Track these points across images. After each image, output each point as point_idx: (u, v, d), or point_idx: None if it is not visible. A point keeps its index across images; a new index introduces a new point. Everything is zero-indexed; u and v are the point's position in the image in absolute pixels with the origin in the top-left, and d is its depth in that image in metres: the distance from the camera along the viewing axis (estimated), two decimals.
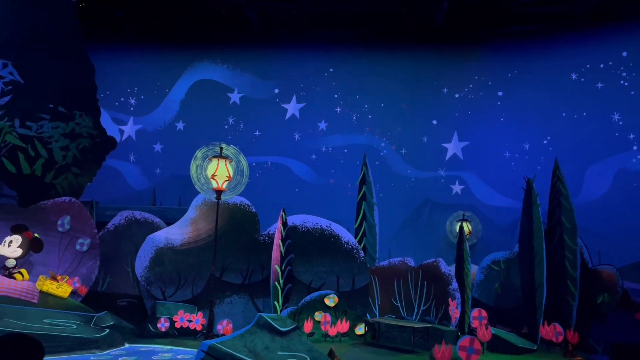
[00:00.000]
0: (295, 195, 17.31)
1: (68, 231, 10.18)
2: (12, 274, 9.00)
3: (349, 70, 18.09)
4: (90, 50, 17.30)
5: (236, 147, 9.81)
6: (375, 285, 10.51)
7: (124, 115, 18.44)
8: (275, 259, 9.92)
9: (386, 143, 17.90)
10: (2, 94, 10.21)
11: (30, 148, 10.49)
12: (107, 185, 17.06)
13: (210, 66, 18.58)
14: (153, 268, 10.21)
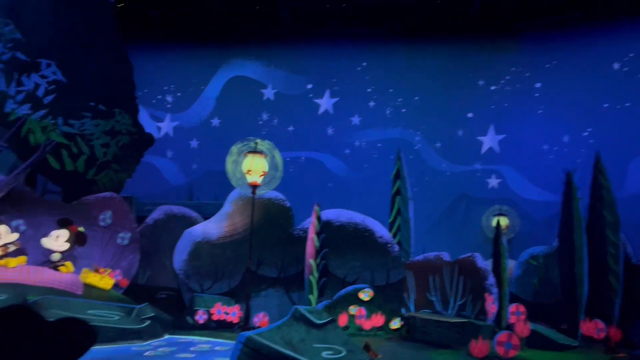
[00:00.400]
0: (329, 190, 17.37)
1: (109, 226, 10.49)
2: (57, 267, 9.35)
3: (382, 64, 18.00)
4: (128, 50, 17.77)
5: (271, 142, 9.90)
6: (410, 279, 10.46)
7: (161, 112, 18.88)
8: (310, 253, 9.99)
9: (420, 137, 17.74)
10: (47, 93, 10.58)
11: (73, 145, 10.84)
12: (145, 181, 17.47)
13: (245, 63, 18.79)
14: (191, 262, 10.43)
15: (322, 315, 5.14)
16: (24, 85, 10.39)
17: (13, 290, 8.01)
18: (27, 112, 10.38)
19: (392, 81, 17.97)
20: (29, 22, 10.45)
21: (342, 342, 4.88)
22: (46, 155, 10.56)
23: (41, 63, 10.62)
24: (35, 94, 10.53)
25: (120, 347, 7.91)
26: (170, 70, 18.76)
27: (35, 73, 10.55)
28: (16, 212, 10.14)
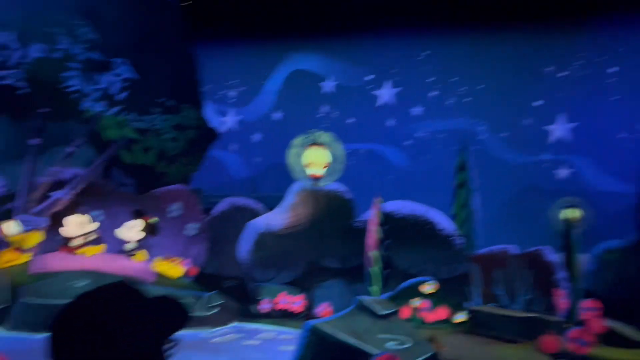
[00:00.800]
0: (390, 182, 17.25)
1: (179, 216, 10.95)
2: (131, 256, 9.87)
3: (445, 53, 17.60)
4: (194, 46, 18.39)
5: (332, 135, 9.96)
6: (475, 273, 10.23)
7: (225, 107, 19.40)
8: (371, 245, 9.97)
9: (485, 127, 17.26)
10: (120, 91, 11.13)
11: (144, 140, 11.37)
12: (209, 174, 18.06)
13: (305, 56, 18.95)
14: (255, 252, 10.69)
15: (386, 306, 5.15)
16: (99, 83, 10.98)
17: (93, 276, 8.53)
18: (102, 109, 10.98)
19: (455, 70, 17.55)
20: (103, 24, 11.02)
21: (407, 333, 4.88)
22: (120, 150, 11.15)
23: (115, 62, 11.17)
24: (110, 92, 11.11)
25: (188, 333, 8.26)
26: (233, 65, 19.22)
27: (109, 72, 11.11)
28: (94, 204, 10.78)
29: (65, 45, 10.63)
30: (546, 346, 6.25)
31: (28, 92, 10.41)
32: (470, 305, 9.84)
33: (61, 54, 10.62)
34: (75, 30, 10.72)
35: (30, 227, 9.24)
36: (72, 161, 11.15)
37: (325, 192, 10.81)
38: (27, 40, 10.29)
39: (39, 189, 10.17)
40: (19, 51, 10.25)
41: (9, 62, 10.17)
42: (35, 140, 10.40)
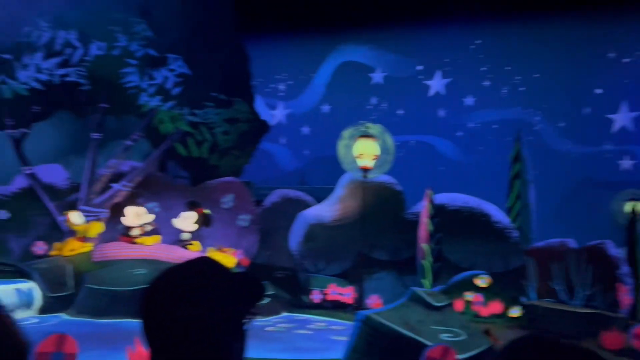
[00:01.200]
0: (440, 174, 16.92)
1: (231, 208, 11.18)
2: (186, 246, 10.17)
3: (498, 41, 17.04)
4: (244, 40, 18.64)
5: (382, 126, 9.88)
6: (531, 267, 9.93)
7: (275, 100, 19.57)
8: (423, 238, 9.86)
9: (541, 116, 16.64)
10: (174, 86, 11.43)
11: (197, 133, 11.65)
12: (260, 166, 18.34)
13: (354, 48, 18.82)
14: (305, 243, 10.79)
15: (439, 298, 5.08)
16: (154, 79, 11.31)
17: (150, 265, 8.86)
18: (158, 104, 11.31)
19: (509, 58, 16.96)
20: (158, 21, 11.32)
21: (461, 325, 4.79)
22: (175, 143, 11.47)
23: (169, 58, 11.47)
24: (165, 87, 11.42)
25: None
26: (282, 59, 19.33)
27: (164, 67, 11.42)
28: (151, 195, 11.16)
29: (123, 43, 11.00)
30: (609, 343, 5.99)
31: (89, 88, 10.86)
32: (525, 299, 9.58)
33: (119, 51, 11.00)
34: (132, 28, 11.07)
35: (92, 218, 9.67)
36: (130, 154, 11.58)
37: (375, 184, 10.75)
38: (88, 38, 10.72)
39: (99, 181, 10.62)
40: (80, 49, 10.69)
41: (71, 60, 10.64)
42: (96, 135, 10.87)
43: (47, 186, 10.45)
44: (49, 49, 10.53)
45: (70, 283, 8.38)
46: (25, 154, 10.39)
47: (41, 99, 10.55)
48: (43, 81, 10.50)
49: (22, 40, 10.30)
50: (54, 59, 10.58)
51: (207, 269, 1.22)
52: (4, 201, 10.04)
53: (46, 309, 8.04)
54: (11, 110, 10.35)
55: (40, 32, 10.43)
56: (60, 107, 11.09)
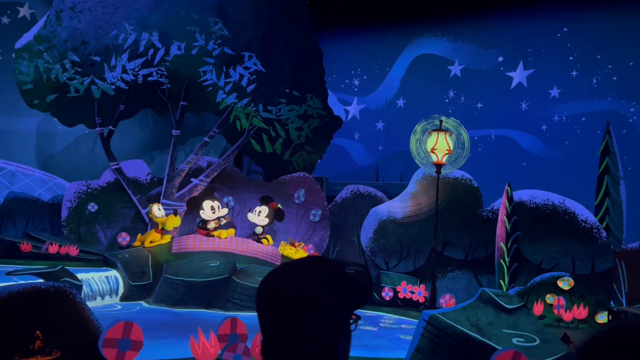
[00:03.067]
0: (523, 170, 16.11)
1: (303, 203, 11.28)
2: (260, 239, 10.38)
3: (586, 28, 15.91)
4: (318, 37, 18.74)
5: (457, 120, 9.53)
6: (622, 270, 9.18)
7: (349, 96, 19.52)
8: (500, 236, 9.41)
9: (636, 108, 15.33)
10: (249, 83, 11.70)
11: (271, 129, 11.84)
12: (335, 162, 18.38)
13: (430, 40, 18.33)
14: (376, 239, 10.66)
15: (512, 300, 4.79)
16: (230, 77, 11.63)
17: (224, 257, 9.13)
18: (233, 101, 11.63)
19: (599, 46, 15.78)
20: (234, 20, 11.63)
21: (535, 330, 4.49)
22: (250, 139, 11.74)
23: (244, 56, 11.75)
24: (240, 84, 11.72)
25: None
26: (357, 54, 19.25)
27: (240, 65, 11.71)
28: (227, 190, 11.50)
29: (201, 42, 11.41)
30: None
31: (169, 87, 11.37)
32: (613, 305, 8.87)
33: (197, 51, 11.42)
34: (209, 27, 11.45)
35: (171, 211, 10.12)
36: (207, 150, 12.00)
37: (450, 180, 10.41)
38: (168, 39, 11.22)
39: (179, 176, 11.10)
40: (162, 50, 11.21)
41: (153, 60, 11.19)
42: (176, 131, 11.36)
43: (131, 180, 11.07)
44: (133, 50, 11.14)
45: (150, 273, 8.82)
46: (111, 150, 11.07)
47: (126, 98, 11.19)
48: (128, 81, 11.13)
49: (110, 42, 10.97)
50: (138, 59, 11.17)
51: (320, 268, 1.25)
52: (94, 194, 10.76)
53: (128, 296, 8.53)
54: (100, 109, 11.06)
55: (125, 35, 11.05)
56: (143, 106, 11.69)
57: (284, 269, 1.27)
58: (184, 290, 8.27)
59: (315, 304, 1.17)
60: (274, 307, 1.19)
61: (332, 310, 1.20)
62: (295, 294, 1.18)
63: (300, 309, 1.17)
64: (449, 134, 9.23)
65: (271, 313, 1.20)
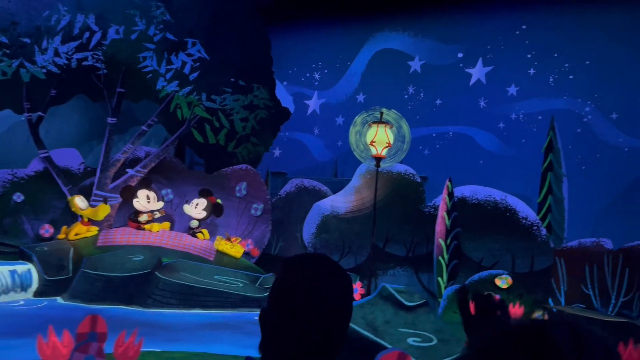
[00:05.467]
0: (480, 167, 15.96)
1: (244, 196, 10.87)
2: (195, 233, 9.95)
3: (545, 25, 15.80)
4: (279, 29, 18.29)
5: (397, 112, 9.23)
6: (561, 268, 9.00)
7: (309, 90, 19.14)
8: (440, 232, 9.15)
9: (592, 107, 15.27)
10: (192, 71, 11.23)
11: (215, 120, 11.39)
12: (294, 157, 18.03)
13: (391, 35, 18.07)
14: (319, 235, 10.33)
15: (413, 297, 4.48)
16: (172, 63, 11.14)
17: (151, 252, 8.68)
18: (175, 89, 11.14)
19: (557, 44, 15.70)
20: (177, 5, 11.15)
21: (434, 329, 4.19)
22: (191, 129, 11.28)
23: (187, 42, 11.27)
24: (182, 72, 11.23)
25: (241, 313, 8.10)
26: (318, 48, 18.88)
27: (183, 52, 11.23)
28: (166, 182, 11.03)
29: (141, 27, 10.89)
30: (625, 357, 5.17)
31: (106, 72, 10.83)
32: (551, 304, 8.69)
33: (137, 35, 10.90)
34: (151, 11, 10.94)
35: (99, 202, 9.61)
36: (145, 140, 11.50)
37: (393, 174, 10.13)
38: (106, 22, 10.68)
39: (114, 166, 10.58)
40: (98, 33, 10.67)
41: (89, 44, 10.63)
42: (111, 119, 10.83)
43: (62, 170, 10.51)
44: (67, 32, 10.57)
45: (69, 267, 8.32)
46: (41, 137, 10.49)
47: (58, 83, 10.61)
48: (60, 65, 10.55)
49: (41, 24, 10.38)
50: (72, 42, 10.60)
51: (326, 267, 1.23)
52: (19, 184, 10.17)
53: (42, 292, 8.01)
54: (28, 94, 10.47)
55: (59, 16, 10.48)
56: (77, 91, 11.13)
57: (292, 267, 1.25)
58: (102, 285, 7.80)
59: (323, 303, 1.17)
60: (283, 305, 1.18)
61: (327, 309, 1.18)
62: (305, 292, 1.17)
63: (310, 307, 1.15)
64: (389, 127, 8.93)
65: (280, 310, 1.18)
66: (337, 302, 1.18)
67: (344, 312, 1.20)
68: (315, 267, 1.22)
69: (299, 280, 1.19)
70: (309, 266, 1.22)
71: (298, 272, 1.22)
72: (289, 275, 1.21)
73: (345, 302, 1.20)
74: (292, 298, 1.17)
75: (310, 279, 1.19)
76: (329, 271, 1.22)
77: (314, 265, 1.23)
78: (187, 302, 7.85)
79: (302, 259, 1.27)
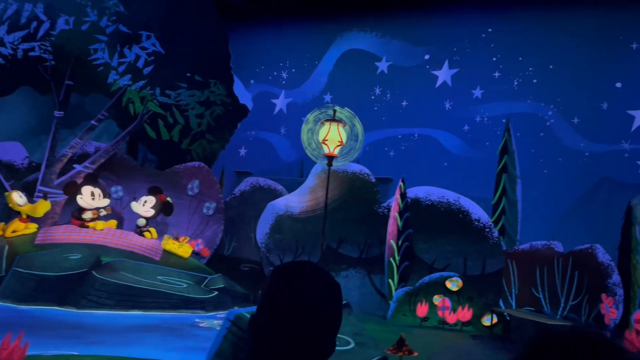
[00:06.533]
0: (444, 170, 15.90)
1: (197, 195, 10.56)
2: (142, 232, 9.60)
3: (511, 29, 15.85)
4: (246, 27, 17.97)
5: (351, 110, 9.05)
6: (512, 271, 8.93)
7: (277, 89, 18.88)
8: (391, 233, 9.00)
9: (554, 111, 15.34)
10: (146, 64, 10.89)
11: (169, 115, 11.07)
12: (260, 157, 17.75)
13: (359, 35, 17.93)
14: (273, 235, 10.09)
15: None
16: (125, 56, 10.78)
17: (90, 250, 8.32)
18: (127, 83, 10.78)
19: (522, 48, 15.76)
20: None
21: (353, 332, 3.98)
22: (144, 125, 10.93)
23: (142, 35, 10.93)
24: (136, 65, 10.89)
25: (182, 315, 7.80)
26: (286, 46, 18.62)
27: (136, 45, 10.88)
28: (116, 179, 10.65)
29: (93, 18, 10.52)
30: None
31: (54, 64, 10.42)
32: (501, 307, 8.60)
33: (88, 27, 10.52)
34: (103, 2, 10.58)
35: (39, 198, 9.21)
36: (95, 134, 11.11)
37: (347, 174, 9.94)
38: (55, 12, 10.28)
39: (60, 162, 10.17)
40: (47, 23, 10.27)
41: (36, 34, 10.22)
42: (59, 113, 10.42)
43: (4, 164, 10.07)
44: (13, 22, 10.15)
45: (2, 266, 7.91)
46: None
47: (3, 74, 10.18)
48: (5, 55, 10.12)
49: None
50: (18, 32, 10.18)
51: (314, 273, 1.24)
52: None
53: None
54: None
55: (5, 4, 10.05)
56: (23, 83, 10.70)
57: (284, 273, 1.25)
58: (34, 285, 7.43)
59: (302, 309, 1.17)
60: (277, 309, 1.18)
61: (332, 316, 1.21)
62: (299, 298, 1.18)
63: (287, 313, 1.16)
64: (342, 125, 8.74)
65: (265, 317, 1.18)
66: (326, 307, 1.18)
67: (333, 316, 1.20)
68: (303, 273, 1.23)
69: (287, 286, 1.20)
70: (298, 272, 1.23)
71: (286, 278, 1.22)
72: (277, 282, 1.21)
73: (334, 307, 1.20)
74: (281, 304, 1.17)
75: (298, 285, 1.20)
76: (317, 277, 1.22)
77: (302, 271, 1.24)
78: (124, 303, 7.52)
79: (291, 266, 1.27)
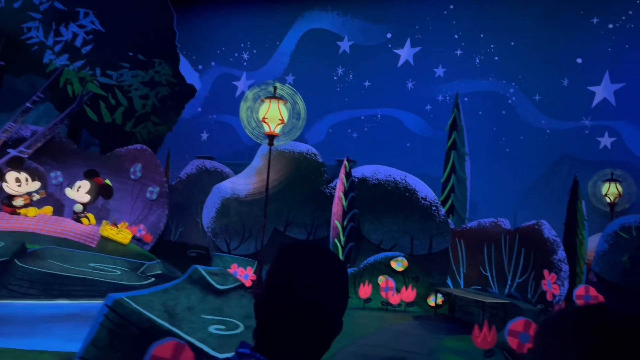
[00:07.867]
0: (407, 150, 15.68)
1: (139, 179, 10.15)
2: (79, 218, 9.19)
3: (472, 6, 15.58)
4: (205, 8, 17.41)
5: (292, 87, 8.70)
6: (461, 249, 8.73)
7: (238, 70, 18.40)
8: (336, 214, 8.72)
9: (515, 89, 15.17)
10: (84, 44, 10.41)
11: (111, 97, 10.61)
12: (222, 140, 17.34)
13: (320, 14, 17.51)
14: (219, 219, 9.75)
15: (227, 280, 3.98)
16: (61, 35, 10.27)
17: (14, 238, 7.90)
18: (64, 63, 10.28)
19: (483, 25, 15.52)
20: None
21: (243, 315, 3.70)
22: (84, 107, 10.45)
23: (79, 12, 10.41)
24: (74, 44, 10.38)
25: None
26: (247, 27, 18.15)
27: (74, 23, 10.37)
28: (55, 164, 10.18)
29: None
30: (479, 340, 4.82)
31: None
32: (450, 287, 8.41)
33: (21, 4, 9.97)
34: None
35: None
36: (34, 118, 10.61)
37: (294, 154, 9.62)
38: None
39: None
40: None
41: None
42: None
43: None
44: None
45: None
46: None
47: None
48: None
49: None
50: None
51: (320, 253, 1.21)
52: None
53: None
54: None
55: None
56: None
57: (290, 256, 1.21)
58: None
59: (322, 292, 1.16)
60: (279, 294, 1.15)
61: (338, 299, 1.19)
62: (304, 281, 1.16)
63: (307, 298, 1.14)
64: (283, 102, 8.38)
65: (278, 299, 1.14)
66: (331, 288, 1.17)
67: (339, 297, 1.19)
68: (308, 253, 1.21)
69: (292, 266, 1.18)
70: (303, 253, 1.21)
71: (291, 259, 1.20)
72: (282, 262, 1.19)
73: (340, 288, 1.19)
74: (285, 284, 1.15)
75: (303, 265, 1.18)
76: (323, 258, 1.20)
77: (308, 251, 1.22)
78: (49, 292, 7.15)
79: (296, 246, 1.25)
